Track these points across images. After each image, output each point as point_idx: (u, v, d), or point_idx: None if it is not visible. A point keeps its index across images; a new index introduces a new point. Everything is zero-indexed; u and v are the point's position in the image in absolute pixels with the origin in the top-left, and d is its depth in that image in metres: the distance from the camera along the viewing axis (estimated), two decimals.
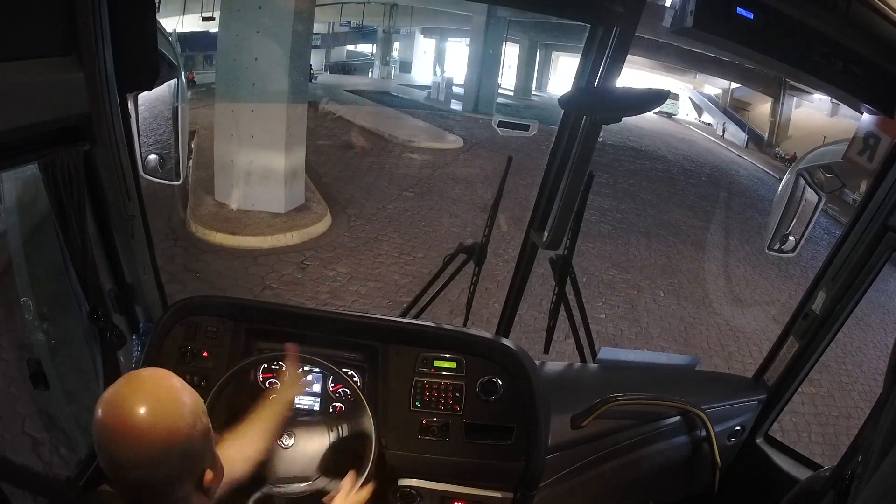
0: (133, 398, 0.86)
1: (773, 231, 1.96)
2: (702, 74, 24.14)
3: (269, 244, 6.41)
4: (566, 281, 2.14)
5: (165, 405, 0.88)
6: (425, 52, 27.09)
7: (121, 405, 0.86)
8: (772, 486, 1.88)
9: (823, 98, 20.88)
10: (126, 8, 1.29)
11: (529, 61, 25.82)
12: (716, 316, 6.39)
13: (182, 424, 0.88)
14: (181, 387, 0.92)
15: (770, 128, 24.16)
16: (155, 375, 0.93)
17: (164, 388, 0.90)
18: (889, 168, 1.51)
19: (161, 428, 0.85)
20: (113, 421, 0.85)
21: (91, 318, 1.50)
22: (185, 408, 0.90)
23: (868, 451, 1.00)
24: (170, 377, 0.93)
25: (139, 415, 0.85)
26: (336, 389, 1.69)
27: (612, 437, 1.85)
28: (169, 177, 1.64)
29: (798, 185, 1.90)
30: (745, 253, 8.83)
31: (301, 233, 6.69)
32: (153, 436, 0.85)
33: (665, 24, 1.30)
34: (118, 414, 0.85)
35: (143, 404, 0.85)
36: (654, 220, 9.68)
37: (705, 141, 24.18)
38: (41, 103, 1.18)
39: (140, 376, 0.92)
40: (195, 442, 0.90)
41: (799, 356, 1.86)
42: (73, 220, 1.35)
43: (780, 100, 23.43)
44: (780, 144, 23.71)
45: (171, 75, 1.54)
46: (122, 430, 0.84)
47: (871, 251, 1.61)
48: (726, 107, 26.24)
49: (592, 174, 1.85)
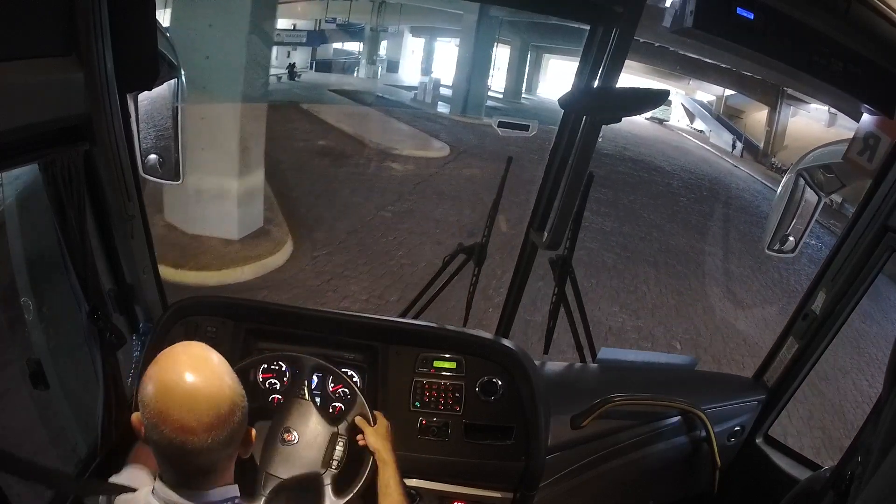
0: (192, 367, 0.94)
1: (773, 231, 1.96)
2: (695, 80, 23.89)
3: (217, 280, 5.39)
4: (566, 281, 2.14)
5: (219, 371, 0.97)
6: (414, 51, 26.50)
7: (183, 375, 0.93)
8: (772, 487, 1.88)
9: (821, 108, 20.64)
10: (126, 8, 1.29)
11: (520, 63, 25.49)
12: (745, 372, 5.72)
13: (236, 386, 0.98)
14: (218, 355, 1.01)
15: (766, 137, 23.88)
16: (197, 346, 1.01)
17: (208, 357, 0.99)
18: (889, 168, 1.52)
19: (226, 390, 0.95)
20: (180, 390, 0.92)
21: (91, 318, 1.50)
22: (230, 374, 0.99)
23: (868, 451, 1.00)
24: (207, 348, 1.02)
25: (204, 381, 0.93)
26: (336, 389, 1.69)
27: (612, 437, 1.85)
28: (169, 177, 1.64)
29: (798, 185, 1.90)
30: (762, 284, 8.17)
31: (255, 266, 5.64)
32: (221, 398, 0.94)
33: (665, 24, 1.30)
34: (184, 382, 0.92)
35: (202, 371, 0.95)
36: (660, 246, 8.84)
37: (699, 149, 23.78)
38: (41, 103, 1.18)
39: (187, 348, 1.00)
40: (244, 402, 0.99)
41: (799, 356, 1.86)
42: (73, 220, 1.35)
43: (777, 108, 23.14)
44: (777, 154, 23.40)
45: (171, 75, 1.54)
46: (193, 398, 0.91)
47: (871, 251, 1.61)
48: (720, 114, 26.07)
49: (592, 174, 1.85)
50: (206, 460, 0.95)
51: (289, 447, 1.48)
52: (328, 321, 1.72)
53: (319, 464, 1.46)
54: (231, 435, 0.95)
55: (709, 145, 24.96)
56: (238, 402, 0.96)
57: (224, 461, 0.99)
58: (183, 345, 1.01)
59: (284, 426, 1.51)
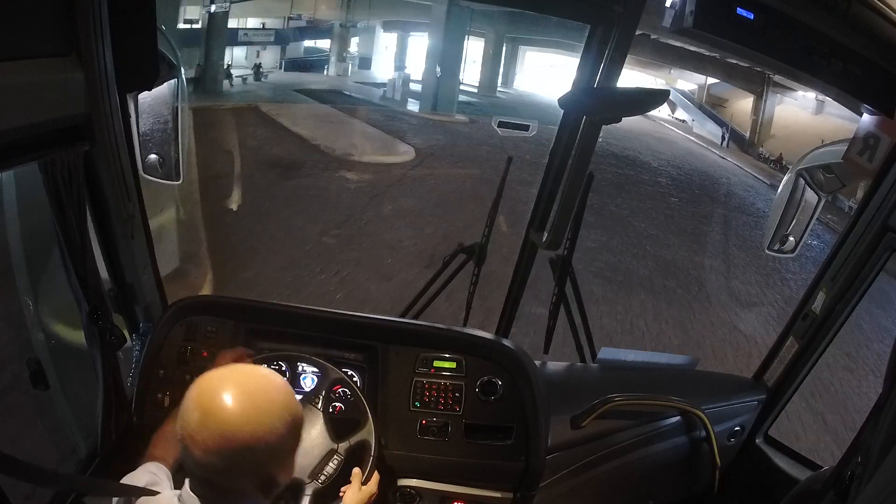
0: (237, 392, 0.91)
1: (773, 231, 1.96)
2: (677, 69, 23.28)
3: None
4: (566, 281, 2.14)
5: (264, 413, 0.92)
6: (387, 47, 25.33)
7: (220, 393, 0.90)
8: (772, 486, 1.88)
9: (808, 95, 20.12)
10: (126, 8, 1.30)
11: (495, 56, 24.31)
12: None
13: (270, 437, 0.91)
14: (286, 402, 0.96)
15: (752, 126, 23.29)
16: (266, 380, 0.97)
17: (270, 396, 0.94)
18: (889, 168, 1.51)
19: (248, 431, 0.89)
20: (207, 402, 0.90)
21: (91, 318, 1.50)
22: (282, 423, 0.93)
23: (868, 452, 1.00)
24: (281, 388, 0.97)
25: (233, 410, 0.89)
26: (336, 389, 1.69)
27: (612, 437, 1.85)
28: (169, 176, 1.64)
29: (798, 185, 1.90)
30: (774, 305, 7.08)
31: None
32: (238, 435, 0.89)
33: (665, 24, 1.30)
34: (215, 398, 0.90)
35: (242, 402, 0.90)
36: (655, 264, 7.66)
37: (684, 140, 22.99)
38: (41, 103, 1.18)
39: (253, 374, 0.98)
40: (275, 454, 0.94)
41: (799, 356, 1.86)
42: (73, 220, 1.35)
43: (763, 96, 22.57)
44: (764, 144, 22.87)
45: (171, 75, 1.54)
46: (210, 416, 0.89)
47: (871, 251, 1.60)
48: (702, 103, 25.46)
49: (592, 174, 1.85)
50: (204, 475, 0.93)
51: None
52: (328, 321, 1.72)
53: (307, 473, 1.44)
54: (230, 468, 0.90)
55: (692, 135, 24.38)
56: (253, 447, 0.89)
57: (232, 490, 0.94)
58: (254, 369, 1.00)
59: None
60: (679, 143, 22.02)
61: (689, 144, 22.72)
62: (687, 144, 22.54)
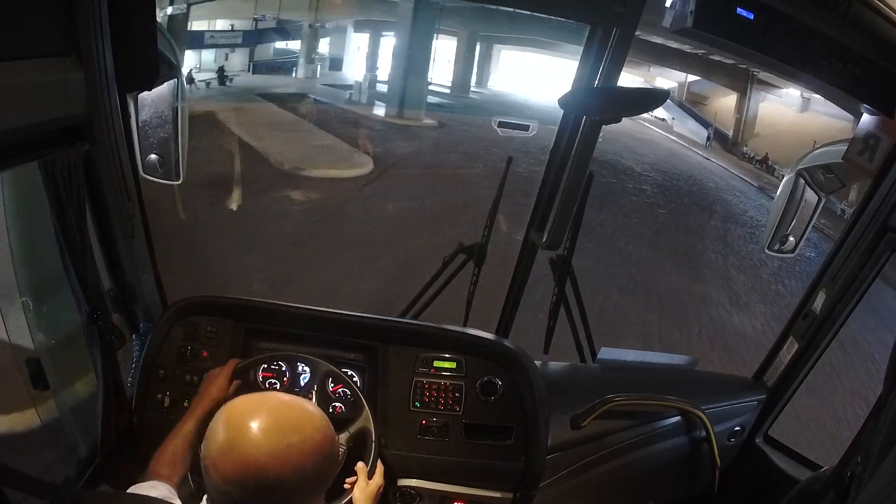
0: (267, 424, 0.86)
1: (773, 231, 1.96)
2: (656, 67, 22.87)
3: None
4: (566, 281, 2.14)
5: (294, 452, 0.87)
6: (360, 47, 24.35)
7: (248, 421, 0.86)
8: (772, 487, 1.88)
9: (793, 92, 19.80)
10: (126, 8, 1.30)
11: (468, 55, 23.68)
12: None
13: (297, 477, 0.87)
14: (321, 443, 0.91)
15: (735, 125, 22.78)
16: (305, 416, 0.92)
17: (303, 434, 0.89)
18: (889, 168, 1.51)
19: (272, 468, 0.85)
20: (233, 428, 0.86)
21: (91, 318, 1.50)
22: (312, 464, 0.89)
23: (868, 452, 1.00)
24: (319, 426, 0.92)
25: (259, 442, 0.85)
26: (336, 389, 1.69)
27: (612, 437, 1.85)
28: (169, 176, 1.65)
29: (798, 185, 1.90)
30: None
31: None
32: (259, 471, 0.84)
33: (665, 24, 1.31)
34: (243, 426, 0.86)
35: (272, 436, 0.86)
36: (648, 299, 6.48)
37: (665, 140, 22.27)
38: (41, 103, 1.18)
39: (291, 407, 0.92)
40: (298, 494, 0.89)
41: (799, 356, 1.86)
42: (73, 220, 1.35)
43: (747, 94, 22.11)
44: (748, 143, 22.38)
45: (171, 75, 1.54)
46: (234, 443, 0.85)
47: (871, 251, 1.60)
48: (682, 101, 25.18)
49: (592, 174, 1.85)
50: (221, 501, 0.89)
51: None
52: (328, 321, 1.72)
53: None
54: (247, 502, 0.85)
55: (673, 135, 23.97)
56: (275, 486, 0.84)
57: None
58: (297, 402, 0.94)
59: None
60: (661, 144, 21.37)
61: (671, 144, 22.07)
62: (669, 145, 21.89)
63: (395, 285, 5.36)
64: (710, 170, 18.52)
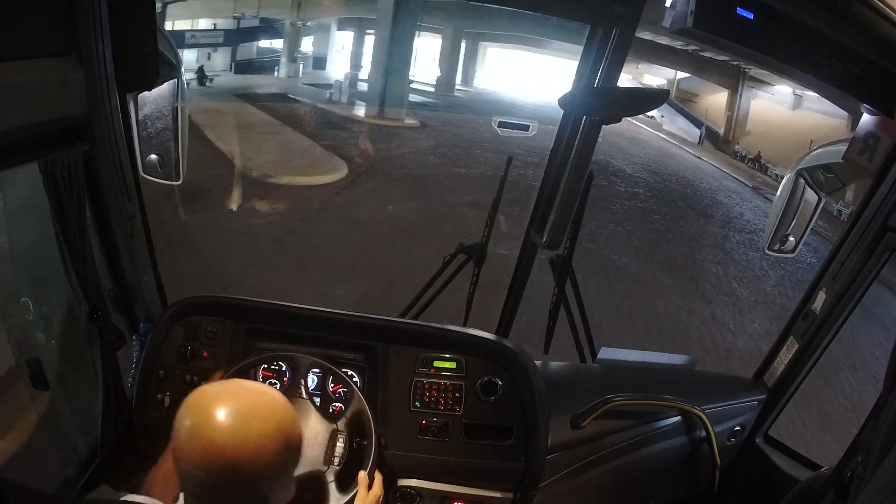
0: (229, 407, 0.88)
1: (773, 231, 1.96)
2: (644, 63, 22.50)
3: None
4: (566, 281, 2.14)
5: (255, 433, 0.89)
6: (344, 46, 23.61)
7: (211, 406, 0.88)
8: (772, 486, 1.88)
9: (785, 90, 19.38)
10: (126, 8, 1.30)
11: (453, 53, 23.01)
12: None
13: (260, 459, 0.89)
14: (280, 424, 0.92)
15: (727, 122, 22.33)
16: (264, 399, 0.94)
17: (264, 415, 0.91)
18: (889, 168, 1.51)
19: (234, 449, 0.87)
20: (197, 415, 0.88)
21: (91, 318, 1.50)
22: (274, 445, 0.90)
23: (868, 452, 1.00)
24: (279, 408, 0.94)
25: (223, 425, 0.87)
26: (336, 389, 1.69)
27: (612, 437, 1.85)
28: (169, 177, 1.65)
29: (798, 185, 1.90)
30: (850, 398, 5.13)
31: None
32: (224, 452, 0.86)
33: (665, 24, 1.31)
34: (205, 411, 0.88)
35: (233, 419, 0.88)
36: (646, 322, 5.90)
37: (655, 139, 21.56)
38: (41, 103, 1.18)
39: (251, 392, 0.94)
40: (266, 476, 0.91)
41: (799, 356, 1.86)
42: (73, 220, 1.35)
43: (738, 91, 21.69)
44: (739, 141, 21.87)
45: (171, 75, 1.54)
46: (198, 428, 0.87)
47: (871, 251, 1.60)
48: (672, 98, 24.44)
49: (592, 174, 1.85)
50: (193, 489, 0.91)
51: None
52: (328, 321, 1.72)
53: (321, 461, 1.47)
54: (219, 487, 0.88)
55: (663, 133, 23.44)
56: (241, 469, 0.87)
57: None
58: (256, 386, 0.96)
59: None
60: (651, 143, 20.66)
61: (662, 143, 21.44)
62: (659, 143, 21.24)
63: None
64: (702, 170, 18.07)
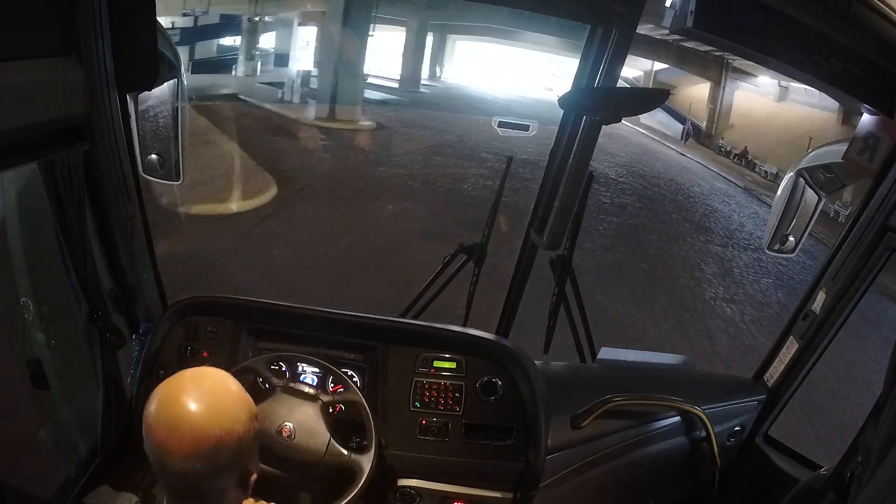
0: (195, 394, 0.92)
1: (773, 231, 1.96)
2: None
3: None
4: (566, 281, 2.14)
5: (225, 406, 0.94)
6: (308, 42, 21.88)
7: (181, 398, 0.91)
8: (772, 487, 1.88)
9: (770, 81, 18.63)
10: (126, 8, 1.30)
11: (418, 46, 21.54)
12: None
13: (238, 427, 0.93)
14: (240, 391, 0.98)
15: (709, 116, 21.32)
16: (217, 376, 0.99)
17: (225, 389, 0.97)
18: (889, 168, 1.51)
19: (217, 426, 0.91)
20: (170, 412, 0.90)
21: (91, 318, 1.50)
22: (243, 412, 0.96)
23: (868, 451, 1.00)
24: (230, 380, 0.99)
25: (198, 410, 0.90)
26: (336, 390, 1.69)
27: (612, 437, 1.85)
28: (169, 177, 1.65)
29: (798, 185, 1.90)
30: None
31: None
32: (210, 432, 0.90)
33: (665, 24, 1.31)
34: (177, 405, 0.90)
35: (204, 401, 0.92)
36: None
37: (634, 134, 20.34)
38: (41, 103, 1.18)
39: (204, 374, 0.98)
40: (245, 444, 0.95)
41: (799, 356, 1.86)
42: (73, 220, 1.35)
43: (722, 83, 20.73)
44: (723, 135, 20.86)
45: (171, 75, 1.54)
46: (178, 422, 0.89)
47: (871, 251, 1.60)
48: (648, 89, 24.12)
49: (592, 174, 1.85)
50: (186, 486, 0.92)
51: (287, 441, 1.48)
52: (328, 321, 1.72)
53: (321, 461, 1.46)
54: (212, 470, 0.91)
55: (641, 126, 22.28)
56: (227, 442, 0.91)
57: (213, 493, 0.95)
58: (199, 369, 1.00)
59: (282, 423, 1.51)
60: (631, 139, 19.47)
61: (642, 139, 20.39)
62: (639, 139, 20.17)
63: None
64: (689, 169, 17.14)
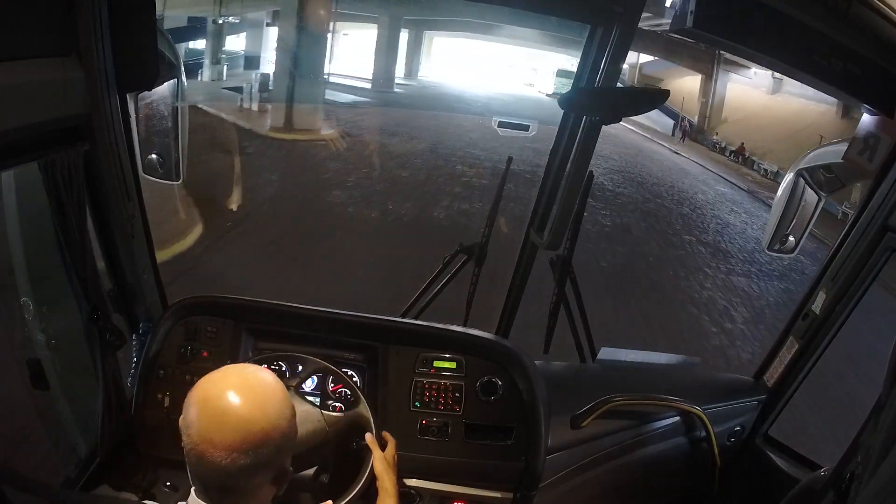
0: (242, 388, 0.94)
1: (773, 231, 1.96)
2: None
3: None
4: (566, 281, 2.14)
5: (272, 401, 0.96)
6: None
7: (227, 392, 0.93)
8: (772, 487, 1.88)
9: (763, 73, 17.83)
10: (126, 8, 1.30)
11: (391, 44, 20.12)
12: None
13: (283, 423, 0.96)
14: (283, 388, 1.00)
15: (701, 110, 20.48)
16: (261, 372, 1.00)
17: (270, 385, 0.98)
18: (889, 168, 1.51)
19: (264, 420, 0.92)
20: (216, 404, 0.92)
21: (91, 318, 1.50)
22: (287, 408, 0.98)
23: (868, 452, 1.00)
24: (273, 377, 1.01)
25: (245, 404, 0.92)
26: (336, 389, 1.69)
27: (612, 438, 1.85)
28: (169, 176, 1.65)
29: (798, 185, 1.90)
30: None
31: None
32: (256, 426, 0.91)
33: (657, 14, 1.31)
34: (224, 398, 0.92)
35: (251, 396, 0.94)
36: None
37: (623, 131, 19.26)
38: (41, 103, 1.18)
39: (247, 370, 1.01)
40: (288, 441, 0.98)
41: (798, 356, 1.86)
42: (73, 220, 1.35)
43: (713, 76, 19.98)
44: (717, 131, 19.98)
45: (171, 75, 1.54)
46: (224, 415, 0.91)
47: (871, 251, 1.60)
48: (633, 84, 22.19)
49: (592, 174, 1.86)
50: (225, 479, 0.92)
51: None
52: (328, 321, 1.72)
53: (320, 461, 1.46)
54: (255, 464, 0.92)
55: (631, 124, 21.06)
56: (272, 437, 0.93)
57: (250, 489, 0.95)
58: (241, 366, 1.04)
59: None
60: (621, 137, 18.54)
61: (632, 136, 19.52)
62: (629, 136, 19.26)
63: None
64: (687, 171, 16.25)
